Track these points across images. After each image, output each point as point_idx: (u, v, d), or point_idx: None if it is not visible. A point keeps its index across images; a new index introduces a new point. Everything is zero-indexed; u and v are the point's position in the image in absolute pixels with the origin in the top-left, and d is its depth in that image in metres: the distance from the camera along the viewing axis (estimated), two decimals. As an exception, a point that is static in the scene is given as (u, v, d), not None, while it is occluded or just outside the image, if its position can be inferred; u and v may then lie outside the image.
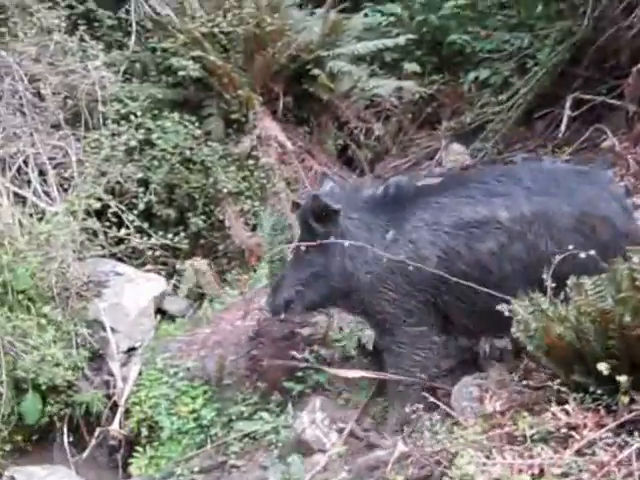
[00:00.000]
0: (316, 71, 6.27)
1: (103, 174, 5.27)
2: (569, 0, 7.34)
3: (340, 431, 3.94)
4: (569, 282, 2.96)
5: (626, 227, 3.65)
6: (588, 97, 6.84)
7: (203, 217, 5.74)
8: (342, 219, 3.76)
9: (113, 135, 5.39)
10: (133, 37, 6.07)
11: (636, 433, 2.69)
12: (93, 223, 5.03)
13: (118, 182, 5.36)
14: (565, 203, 3.60)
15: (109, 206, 5.17)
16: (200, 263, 5.39)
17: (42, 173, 5.32)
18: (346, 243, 3.58)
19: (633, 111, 6.24)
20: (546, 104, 7.19)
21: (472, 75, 7.61)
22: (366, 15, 7.59)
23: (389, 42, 6.49)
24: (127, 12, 6.14)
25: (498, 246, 3.58)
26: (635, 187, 5.70)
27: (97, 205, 5.05)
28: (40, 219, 5.02)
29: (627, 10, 6.46)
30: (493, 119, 7.35)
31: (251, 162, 5.89)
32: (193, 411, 4.43)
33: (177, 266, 5.47)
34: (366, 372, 4.05)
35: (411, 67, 7.74)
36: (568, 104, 6.82)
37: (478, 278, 3.48)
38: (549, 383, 2.97)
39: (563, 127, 6.81)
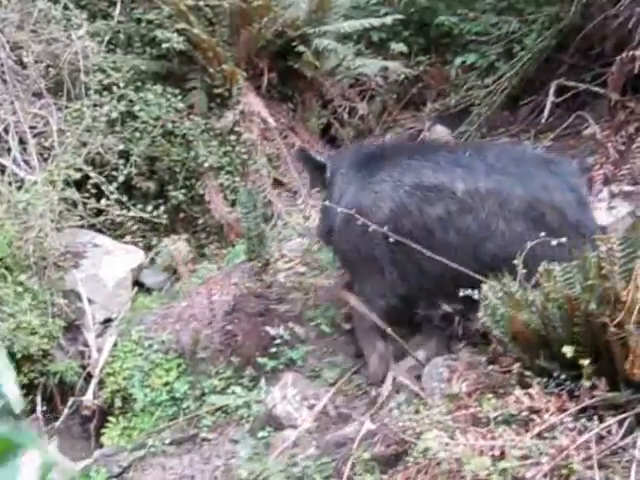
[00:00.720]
0: (301, 48, 6.26)
1: (84, 145, 5.28)
2: (558, -15, 7.37)
3: (311, 407, 4.01)
4: (540, 269, 3.03)
5: (577, 219, 3.75)
6: (572, 84, 6.90)
7: (183, 191, 5.75)
8: (333, 171, 4.31)
9: (95, 106, 5.39)
10: (118, 7, 6.02)
11: (596, 418, 2.76)
12: (72, 193, 5.05)
13: (98, 153, 5.36)
14: (520, 186, 3.73)
15: (89, 177, 5.18)
16: (178, 244, 5.41)
17: (22, 142, 5.33)
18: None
19: (615, 100, 6.28)
20: (530, 89, 7.23)
21: (459, 59, 7.62)
22: (353, -8, 7.58)
23: (376, 21, 6.48)
24: (112, -19, 6.11)
25: (446, 213, 3.77)
26: (614, 175, 5.77)
27: (77, 176, 5.07)
28: (19, 188, 5.03)
29: (616, -3, 6.49)
30: (478, 102, 7.39)
31: (233, 137, 5.90)
32: (166, 384, 4.48)
33: (154, 241, 5.49)
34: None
35: (398, 47, 7.73)
36: (552, 90, 6.87)
37: (422, 240, 3.68)
38: (514, 367, 3.04)
39: (546, 113, 6.87)
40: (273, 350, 4.34)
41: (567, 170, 4.00)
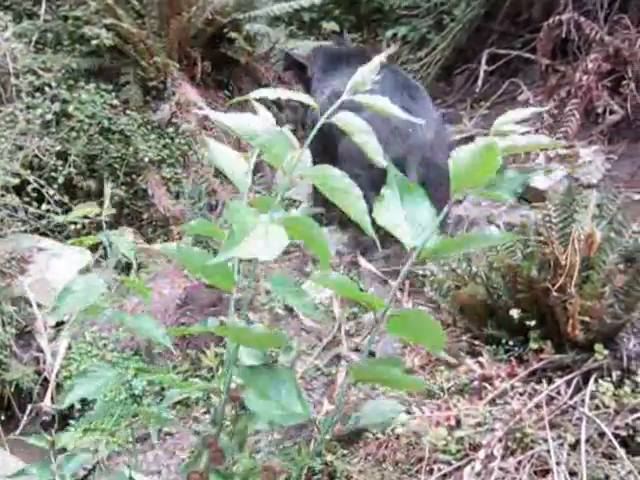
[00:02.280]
0: (233, 34, 6.26)
1: (20, 148, 5.22)
2: (482, -46, 7.47)
3: (271, 393, 4.06)
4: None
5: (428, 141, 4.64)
6: (503, 52, 7.03)
7: (125, 187, 5.73)
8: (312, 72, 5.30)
9: (28, 108, 5.32)
10: (43, 5, 5.94)
11: (544, 380, 2.87)
12: (12, 199, 5.00)
13: (36, 156, 5.31)
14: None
15: (28, 181, 5.14)
16: (125, 234, 5.40)
17: (-44, 150, 5.26)
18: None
19: (545, 64, 6.43)
20: (464, 59, 7.35)
21: (390, 32, 7.70)
22: (281, -27, 7.58)
23: (305, 2, 6.49)
24: (35, -20, 6.02)
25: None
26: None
27: (15, 181, 5.02)
28: (-43, 197, 4.98)
29: (540, -37, 6.63)
30: (412, 76, 7.48)
31: (171, 129, 5.89)
32: (124, 382, 4.49)
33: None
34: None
35: (329, 26, 7.80)
36: (484, 59, 7.00)
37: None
38: (464, 337, 3.14)
39: (480, 82, 7.00)
40: (229, 339, 4.37)
41: (424, 96, 4.85)
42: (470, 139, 6.05)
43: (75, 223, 5.28)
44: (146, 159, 5.69)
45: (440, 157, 4.47)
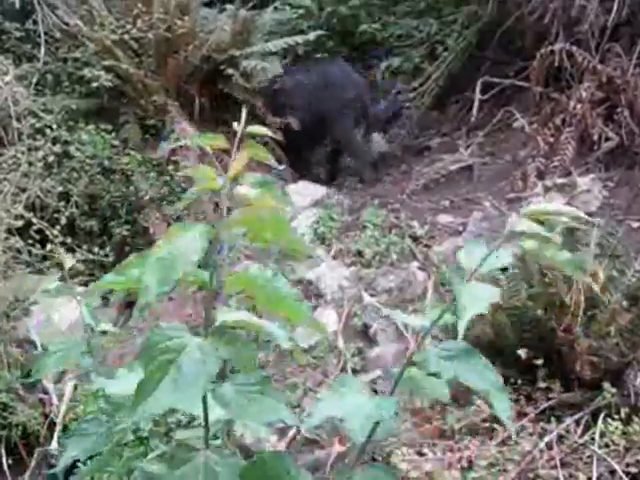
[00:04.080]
0: (230, 71, 6.33)
1: (23, 190, 5.27)
2: (473, -16, 7.57)
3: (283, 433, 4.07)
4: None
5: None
6: (497, 80, 7.10)
7: (127, 226, 5.76)
8: None
9: (30, 150, 5.38)
10: (42, 48, 6.01)
11: (554, 419, 2.90)
12: (16, 242, 5.03)
13: (38, 197, 5.35)
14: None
15: (32, 223, 5.17)
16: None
17: (-41, 194, 5.29)
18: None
19: (539, 93, 6.49)
20: (458, 88, 7.42)
21: (384, 63, 7.78)
22: (276, 9, 7.66)
23: (300, 38, 6.59)
24: (35, 23, 6.08)
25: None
26: (546, 167, 5.97)
27: (19, 223, 5.05)
28: (-39, 241, 5.00)
29: (530, -6, 6.71)
30: (407, 106, 7.56)
31: (171, 167, 5.93)
32: (131, 424, 4.49)
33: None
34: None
35: (323, 58, 7.85)
36: (478, 88, 7.07)
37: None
38: (472, 377, 3.16)
39: (475, 110, 7.06)
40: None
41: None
42: (468, 168, 6.13)
43: (79, 262, 5.30)
44: (147, 197, 5.73)
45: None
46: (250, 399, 1.69)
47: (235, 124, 2.09)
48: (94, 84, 5.71)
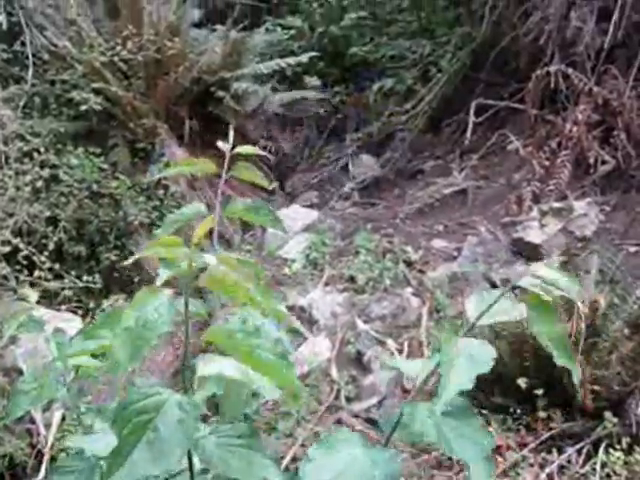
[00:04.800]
0: (221, 93, 6.38)
1: (10, 215, 5.26)
2: (466, 5, 7.65)
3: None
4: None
5: None
6: (491, 102, 7.16)
7: (116, 251, 5.76)
8: None
9: (17, 174, 5.38)
10: (30, 70, 6.02)
11: (555, 450, 2.92)
12: (2, 268, 5.02)
13: (26, 222, 5.35)
14: None
15: (19, 249, 5.16)
16: (119, 304, 5.43)
17: (-55, 219, 5.29)
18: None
19: (534, 115, 6.55)
20: (451, 110, 7.49)
21: (377, 85, 7.84)
22: (267, 30, 7.73)
23: (292, 60, 6.64)
24: (22, 44, 6.09)
25: None
26: (542, 191, 6.01)
27: (6, 249, 5.05)
28: (-54, 267, 5.00)
29: (524, 15, 6.78)
30: (400, 128, 7.61)
31: (161, 191, 5.95)
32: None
33: (91, 305, 5.49)
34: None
35: (312, 80, 7.91)
36: (472, 110, 7.12)
37: None
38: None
39: (469, 133, 7.12)
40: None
41: None
42: (462, 192, 6.16)
43: (67, 289, 5.30)
44: (136, 222, 5.74)
45: None
46: (234, 453, 1.59)
47: (221, 144, 2.12)
48: (83, 107, 5.72)
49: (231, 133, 2.15)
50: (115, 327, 1.45)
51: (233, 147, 2.13)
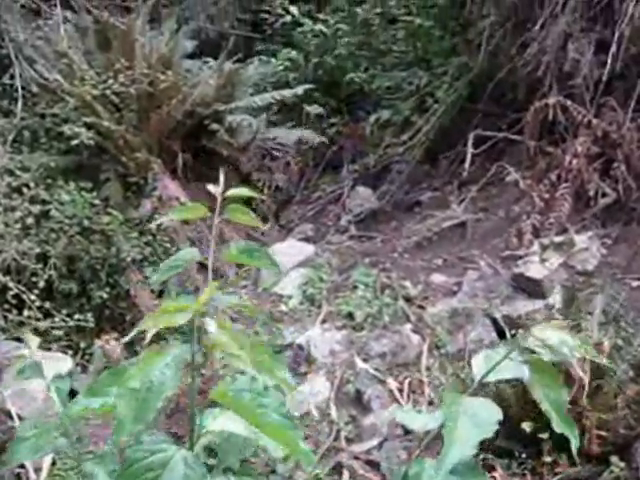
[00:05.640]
0: (215, 126, 6.41)
1: (-1, 252, 5.26)
2: (462, 35, 7.71)
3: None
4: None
5: None
6: (489, 133, 7.19)
7: (107, 289, 5.74)
8: None
9: (6, 210, 5.38)
10: (20, 104, 6.04)
11: (561, 496, 2.91)
12: (-9, 308, 5.02)
13: (15, 259, 5.34)
14: None
15: (8, 287, 5.15)
16: (111, 345, 5.41)
17: None
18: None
19: (533, 146, 6.58)
20: (449, 141, 7.51)
21: (373, 116, 7.87)
22: (261, 61, 7.78)
23: (287, 92, 6.68)
24: (12, 77, 6.10)
25: None
26: (542, 224, 6.02)
27: (-6, 288, 5.04)
28: None
29: (521, 46, 6.83)
30: (397, 159, 7.63)
31: (153, 226, 5.95)
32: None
33: (82, 344, 5.47)
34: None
35: (312, 109, 7.93)
36: (470, 142, 7.14)
37: None
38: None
39: (467, 165, 7.13)
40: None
41: None
42: (461, 225, 6.17)
43: (57, 328, 5.28)
44: (128, 258, 5.73)
45: None
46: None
47: (211, 187, 2.12)
48: (74, 141, 5.74)
49: (222, 176, 2.16)
50: (120, 385, 1.46)
51: (225, 189, 2.14)
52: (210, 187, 2.17)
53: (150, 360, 1.50)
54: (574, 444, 1.44)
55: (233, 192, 2.13)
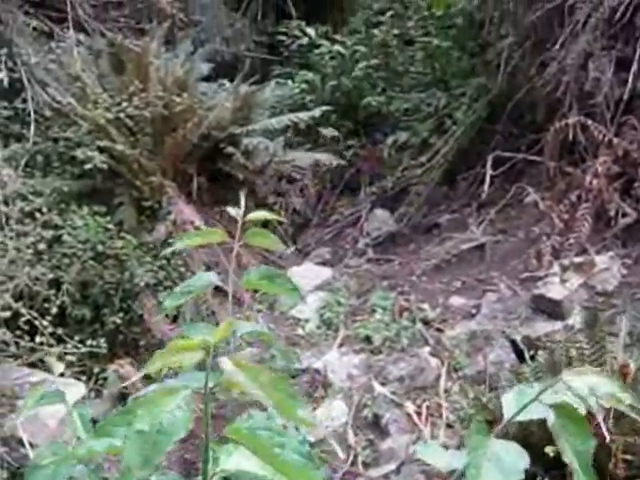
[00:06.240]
0: (230, 149, 6.38)
1: (10, 278, 5.22)
2: (481, 56, 7.67)
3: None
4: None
5: None
6: (508, 155, 7.13)
7: (121, 314, 5.70)
8: None
9: (18, 236, 5.34)
10: (32, 128, 6.03)
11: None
12: (3, 334, 4.96)
13: (27, 285, 5.30)
14: None
15: (20, 313, 5.11)
16: (126, 368, 5.36)
17: (-58, 283, 5.25)
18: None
19: (553, 167, 6.51)
20: (467, 163, 7.46)
21: (391, 138, 7.83)
22: (277, 83, 7.77)
23: (304, 115, 6.65)
24: (24, 101, 6.09)
25: None
26: (562, 245, 5.94)
27: (6, 314, 4.99)
28: (-56, 333, 4.94)
29: (541, 66, 6.78)
30: (415, 182, 7.58)
31: (168, 250, 5.91)
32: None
33: (95, 369, 5.42)
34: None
35: (328, 132, 7.91)
36: (489, 163, 7.08)
37: None
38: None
39: (486, 187, 7.06)
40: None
41: None
42: (480, 247, 6.09)
43: (70, 354, 5.24)
44: (142, 283, 5.69)
45: None
46: None
47: (231, 210, 2.07)
48: (87, 165, 5.72)
49: (242, 199, 2.11)
50: (128, 427, 1.40)
51: (236, 204, 2.09)
52: (230, 210, 2.13)
53: (159, 401, 1.41)
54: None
55: (253, 215, 2.09)
